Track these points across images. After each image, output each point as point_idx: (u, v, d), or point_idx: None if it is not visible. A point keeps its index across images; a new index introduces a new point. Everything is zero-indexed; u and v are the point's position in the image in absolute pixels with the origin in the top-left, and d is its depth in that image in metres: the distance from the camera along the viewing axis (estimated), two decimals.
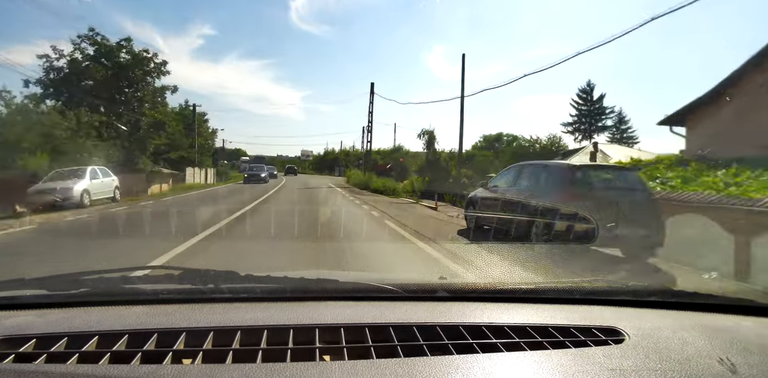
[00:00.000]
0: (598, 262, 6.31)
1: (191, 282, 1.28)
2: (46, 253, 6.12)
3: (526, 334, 1.06)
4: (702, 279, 4.73)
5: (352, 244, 6.97)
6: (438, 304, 1.26)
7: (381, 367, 0.85)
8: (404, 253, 6.72)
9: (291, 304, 1.21)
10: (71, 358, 0.87)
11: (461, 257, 6.08)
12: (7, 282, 1.25)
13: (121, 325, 1.00)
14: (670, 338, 1.06)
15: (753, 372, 0.91)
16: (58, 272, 1.44)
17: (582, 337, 1.06)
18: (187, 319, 1.05)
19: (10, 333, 0.95)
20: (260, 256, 5.96)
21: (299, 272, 1.44)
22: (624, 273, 5.82)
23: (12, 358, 0.87)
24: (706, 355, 0.97)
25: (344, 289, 1.32)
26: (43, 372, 0.80)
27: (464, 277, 4.58)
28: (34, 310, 1.14)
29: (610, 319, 1.17)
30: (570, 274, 4.70)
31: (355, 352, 0.94)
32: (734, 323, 1.21)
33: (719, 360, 0.95)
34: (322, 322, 1.06)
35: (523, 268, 5.01)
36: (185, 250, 6.10)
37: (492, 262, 5.88)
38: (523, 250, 6.45)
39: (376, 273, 4.43)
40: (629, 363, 0.93)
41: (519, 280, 2.77)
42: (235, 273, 1.32)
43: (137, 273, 1.52)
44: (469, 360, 0.90)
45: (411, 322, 1.08)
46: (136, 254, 6.03)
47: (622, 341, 1.04)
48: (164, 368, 0.82)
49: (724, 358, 0.96)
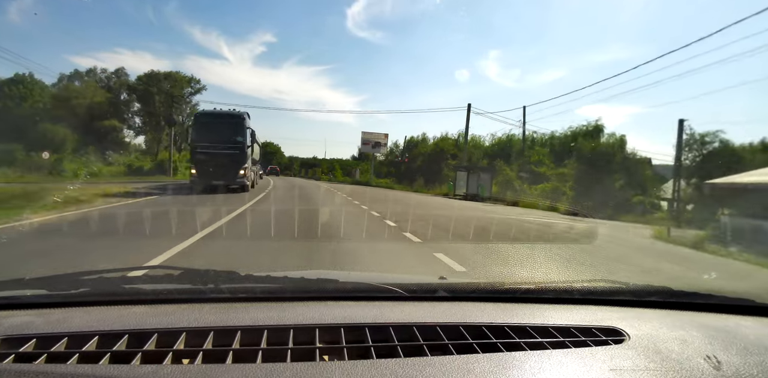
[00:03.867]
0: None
1: (191, 282, 1.28)
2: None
3: (526, 334, 1.06)
4: (702, 279, 4.73)
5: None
6: (438, 304, 1.26)
7: (381, 367, 0.85)
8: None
9: (291, 304, 1.21)
10: (71, 358, 0.87)
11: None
12: (7, 282, 1.25)
13: (121, 325, 1.00)
14: (670, 338, 1.06)
15: (753, 372, 0.91)
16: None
17: (582, 337, 1.06)
18: (187, 319, 1.04)
19: (10, 333, 0.95)
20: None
21: (299, 272, 1.44)
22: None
23: (12, 358, 0.87)
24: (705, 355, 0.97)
25: (344, 289, 1.32)
26: (44, 372, 0.80)
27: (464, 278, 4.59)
28: (34, 310, 1.14)
29: (610, 319, 1.17)
30: None
31: (355, 352, 0.94)
32: (734, 323, 1.21)
33: (705, 357, 0.96)
34: (322, 322, 1.06)
35: None
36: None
37: None
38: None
39: (376, 273, 4.43)
40: (629, 363, 0.93)
41: (518, 279, 2.77)
42: (235, 273, 1.32)
43: (137, 273, 1.52)
44: (469, 360, 0.90)
45: (411, 322, 1.08)
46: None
47: (622, 341, 1.04)
48: (164, 368, 0.82)
49: (711, 355, 0.97)
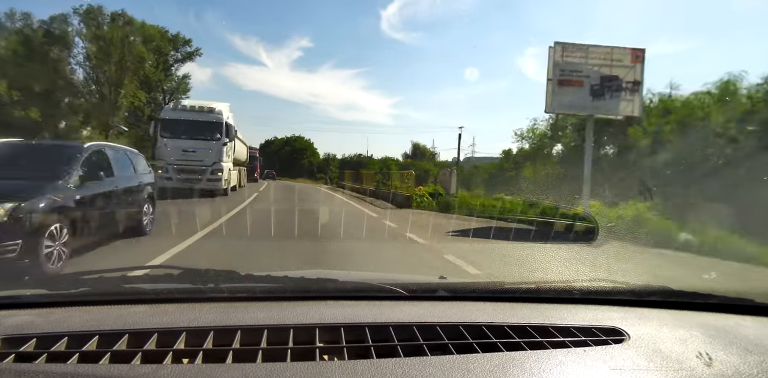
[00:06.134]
0: None
1: (191, 281, 1.28)
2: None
3: (526, 333, 1.06)
4: (702, 279, 4.73)
5: None
6: (438, 304, 1.26)
7: (381, 367, 0.85)
8: None
9: (291, 303, 1.21)
10: (71, 357, 0.87)
11: None
12: (7, 282, 1.25)
13: (121, 325, 1.00)
14: (670, 338, 1.06)
15: (753, 372, 0.91)
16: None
17: (582, 336, 1.06)
18: (187, 319, 1.05)
19: (10, 333, 0.95)
20: None
21: (299, 272, 1.44)
22: None
23: (12, 357, 0.87)
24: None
25: (344, 289, 1.32)
26: (44, 372, 0.80)
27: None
28: (34, 309, 1.14)
29: (610, 319, 1.17)
30: None
31: (355, 351, 0.94)
32: (734, 323, 1.21)
33: (698, 354, 0.97)
34: (322, 322, 1.06)
35: None
36: None
37: None
38: None
39: (376, 273, 4.43)
40: (629, 363, 0.93)
41: (519, 279, 2.77)
42: (235, 272, 1.32)
43: (137, 272, 1.52)
44: (469, 360, 0.90)
45: (411, 322, 1.08)
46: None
47: (623, 341, 1.04)
48: (164, 368, 0.82)
49: (703, 352, 0.98)
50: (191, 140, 15.35)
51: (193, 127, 15.44)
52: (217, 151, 15.56)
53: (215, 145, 15.58)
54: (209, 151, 15.41)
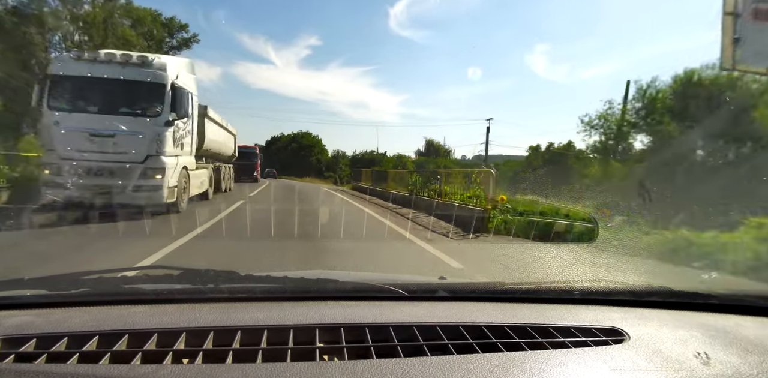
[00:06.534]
0: None
1: (191, 282, 1.27)
2: None
3: (526, 334, 1.06)
4: (702, 279, 4.71)
5: None
6: (438, 304, 1.26)
7: (381, 367, 0.85)
8: None
9: (291, 303, 1.21)
10: (71, 357, 0.87)
11: None
12: (7, 282, 1.25)
13: (121, 325, 1.00)
14: (670, 338, 1.06)
15: (753, 372, 0.91)
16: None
17: (582, 337, 1.06)
18: (187, 319, 1.04)
19: (10, 333, 0.95)
20: None
21: (299, 272, 1.44)
22: None
23: (12, 357, 0.87)
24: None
25: (344, 289, 1.32)
26: (44, 372, 0.80)
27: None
28: (34, 310, 1.14)
29: (610, 319, 1.17)
30: None
31: (355, 352, 0.94)
32: (734, 323, 1.21)
33: (695, 354, 0.97)
34: (322, 322, 1.06)
35: None
36: None
37: None
38: None
39: (376, 273, 4.43)
40: (629, 363, 0.93)
41: (518, 279, 2.77)
42: (235, 273, 1.31)
43: (137, 273, 1.52)
44: (469, 360, 0.90)
45: (411, 322, 1.08)
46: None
47: (622, 341, 1.04)
48: (164, 368, 0.82)
49: (701, 351, 0.98)
50: (107, 116, 8.42)
51: (110, 93, 8.63)
52: (155, 137, 8.59)
53: (151, 124, 8.60)
54: (139, 135, 8.49)
